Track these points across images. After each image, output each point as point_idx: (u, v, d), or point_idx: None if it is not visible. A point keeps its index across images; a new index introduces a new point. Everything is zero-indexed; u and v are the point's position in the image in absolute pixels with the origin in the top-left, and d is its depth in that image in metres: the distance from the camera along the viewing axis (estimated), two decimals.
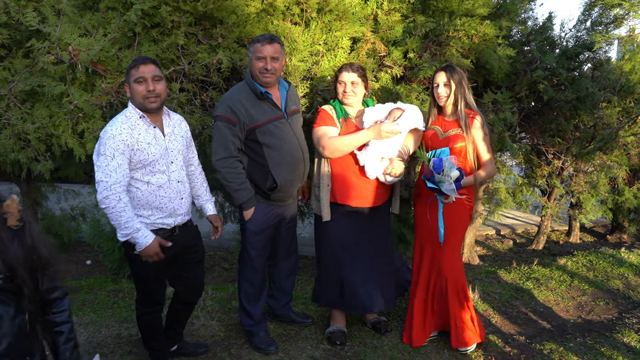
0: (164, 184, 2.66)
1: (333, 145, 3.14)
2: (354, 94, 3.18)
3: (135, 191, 2.61)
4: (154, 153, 2.60)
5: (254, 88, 3.03)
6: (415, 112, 3.21)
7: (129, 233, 2.53)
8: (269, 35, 3.00)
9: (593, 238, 7.55)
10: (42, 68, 3.59)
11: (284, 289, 3.60)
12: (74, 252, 5.61)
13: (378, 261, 3.38)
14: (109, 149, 2.49)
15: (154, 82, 2.55)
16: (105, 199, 2.49)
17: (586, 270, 5.00)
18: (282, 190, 3.14)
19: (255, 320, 3.34)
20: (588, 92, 4.90)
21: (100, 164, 2.51)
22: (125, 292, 4.21)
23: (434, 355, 3.31)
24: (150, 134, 2.62)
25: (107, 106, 3.73)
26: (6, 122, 3.78)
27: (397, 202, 3.45)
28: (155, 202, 2.65)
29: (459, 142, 3.13)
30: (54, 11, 3.59)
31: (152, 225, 2.67)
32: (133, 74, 2.55)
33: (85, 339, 3.40)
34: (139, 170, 2.60)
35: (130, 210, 2.53)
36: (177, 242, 2.75)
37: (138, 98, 2.56)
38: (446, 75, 3.12)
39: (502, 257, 6.38)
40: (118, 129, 2.52)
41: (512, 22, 4.64)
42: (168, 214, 2.71)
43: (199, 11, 3.49)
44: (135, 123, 2.58)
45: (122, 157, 2.51)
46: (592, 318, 4.00)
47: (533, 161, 6.26)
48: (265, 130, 3.04)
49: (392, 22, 3.96)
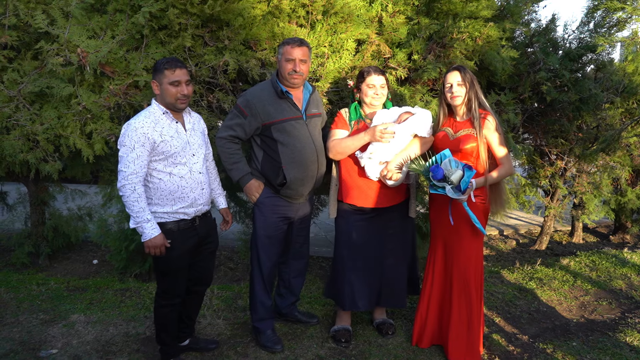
0: (185, 174, 2.83)
1: (335, 148, 3.26)
2: (382, 96, 3.28)
3: (158, 182, 2.78)
4: (176, 146, 2.78)
5: (276, 86, 3.16)
6: (422, 118, 3.19)
7: (139, 222, 2.70)
8: (299, 39, 3.14)
9: (596, 238, 7.57)
10: (50, 70, 3.63)
11: (292, 288, 3.65)
12: (81, 251, 5.66)
13: (389, 261, 3.41)
14: (130, 140, 2.67)
15: (186, 86, 2.77)
16: (123, 187, 2.68)
17: (589, 271, 5.02)
18: (291, 188, 3.22)
19: (262, 317, 3.40)
20: (591, 93, 4.93)
21: (121, 155, 2.70)
22: (132, 291, 4.25)
23: (438, 356, 3.34)
24: (172, 128, 2.80)
25: (114, 107, 3.78)
26: (15, 123, 3.82)
27: (413, 205, 3.46)
28: (177, 192, 2.81)
29: (470, 142, 3.07)
30: (62, 13, 3.64)
31: (174, 214, 2.83)
32: (168, 76, 2.72)
33: (94, 338, 3.44)
34: (161, 162, 2.77)
35: (144, 201, 2.70)
36: (197, 233, 2.94)
37: (170, 98, 2.75)
38: (460, 75, 3.08)
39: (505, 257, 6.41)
40: (140, 122, 2.70)
41: (516, 24, 4.67)
42: (189, 204, 2.86)
43: (205, 14, 3.53)
44: (158, 118, 2.77)
45: (141, 149, 2.68)
46: (594, 318, 4.03)
47: (536, 162, 6.28)
48: (281, 128, 3.15)
49: (397, 24, 4.00)
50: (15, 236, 5.20)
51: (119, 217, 4.65)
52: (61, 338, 3.44)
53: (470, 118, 3.12)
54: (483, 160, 3.08)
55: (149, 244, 2.73)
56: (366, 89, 3.26)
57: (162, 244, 2.75)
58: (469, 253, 3.16)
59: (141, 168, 2.69)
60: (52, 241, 5.17)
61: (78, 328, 3.58)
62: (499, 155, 3.12)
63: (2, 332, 3.49)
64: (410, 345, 3.44)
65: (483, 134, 3.07)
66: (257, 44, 3.81)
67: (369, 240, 3.36)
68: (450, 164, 2.90)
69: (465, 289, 3.17)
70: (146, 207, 2.71)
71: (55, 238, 5.19)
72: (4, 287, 4.27)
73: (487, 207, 3.19)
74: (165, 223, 2.81)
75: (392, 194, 3.33)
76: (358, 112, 3.33)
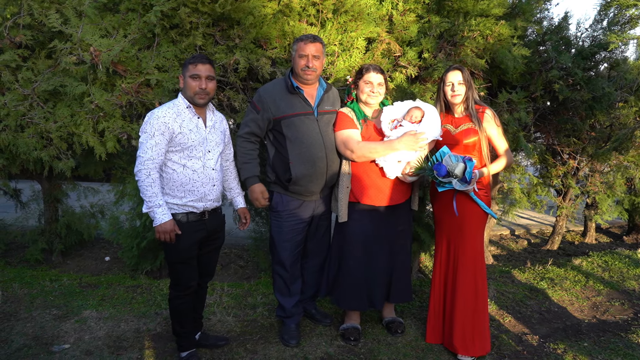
0: (198, 169, 2.90)
1: (361, 151, 3.19)
2: (379, 94, 3.26)
3: (172, 172, 2.86)
4: (193, 139, 2.86)
5: (287, 82, 3.19)
6: (435, 116, 3.21)
7: (150, 207, 2.77)
8: (312, 35, 3.17)
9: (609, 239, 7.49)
10: (64, 68, 3.68)
11: (310, 283, 3.63)
12: (93, 248, 5.72)
13: (399, 258, 3.42)
14: (151, 127, 2.77)
15: (206, 81, 2.85)
16: (138, 172, 2.77)
17: (601, 271, 4.98)
18: (298, 184, 3.22)
19: (286, 313, 3.45)
20: (604, 91, 4.87)
21: (141, 141, 2.80)
22: (143, 288, 4.29)
23: (447, 354, 3.33)
24: (193, 122, 2.89)
25: (126, 105, 3.81)
26: (29, 121, 3.88)
27: (416, 198, 3.50)
28: (189, 185, 2.88)
29: (472, 136, 3.20)
30: (75, 13, 3.68)
31: (183, 207, 2.90)
32: (190, 69, 2.84)
33: (105, 333, 3.48)
34: (177, 153, 2.85)
35: (157, 187, 2.77)
36: (206, 227, 3.00)
37: (189, 92, 2.86)
38: (462, 75, 3.20)
39: (517, 257, 6.37)
40: (163, 112, 2.81)
41: (528, 22, 4.64)
42: (199, 198, 2.92)
43: (216, 12, 3.55)
44: (181, 110, 2.86)
45: (161, 137, 2.77)
46: (607, 318, 3.99)
47: (548, 161, 6.24)
48: (290, 123, 3.17)
49: (407, 23, 3.99)
50: (29, 233, 5.27)
51: (130, 214, 4.69)
52: (73, 333, 3.48)
53: (469, 114, 3.24)
54: (485, 153, 3.23)
55: (159, 228, 2.79)
56: (363, 85, 3.25)
57: (172, 229, 2.80)
58: (473, 245, 3.25)
59: (158, 155, 2.78)
60: (65, 238, 5.24)
61: (90, 324, 3.62)
62: (499, 147, 3.27)
63: (16, 327, 3.55)
64: (420, 343, 3.44)
65: (483, 127, 3.22)
66: (267, 43, 3.83)
67: (383, 239, 3.35)
68: (451, 159, 3.03)
69: (472, 284, 3.23)
70: (159, 193, 2.78)
71: (68, 235, 5.25)
72: (18, 283, 4.33)
73: (489, 200, 3.30)
74: (175, 214, 2.88)
75: (405, 190, 3.34)
76: (362, 111, 3.31)
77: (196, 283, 3.07)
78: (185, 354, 3.13)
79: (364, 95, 3.26)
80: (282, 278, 3.43)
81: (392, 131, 3.18)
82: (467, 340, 3.24)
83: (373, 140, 3.24)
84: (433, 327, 3.44)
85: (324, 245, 3.58)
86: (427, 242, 4.38)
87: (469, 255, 3.23)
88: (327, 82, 3.37)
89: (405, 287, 3.49)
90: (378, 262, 3.36)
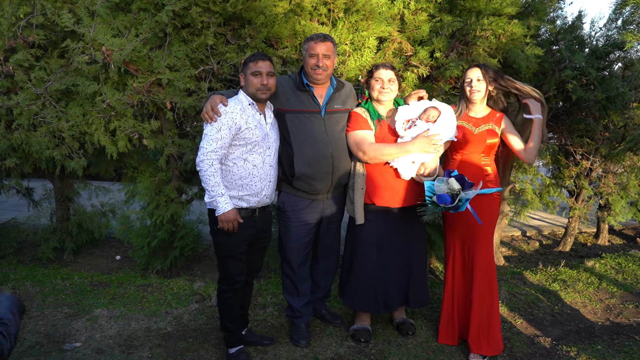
0: (258, 164, 2.98)
1: (373, 152, 3.16)
2: (390, 91, 3.23)
3: (232, 166, 2.94)
4: (257, 135, 2.94)
5: (297, 78, 3.21)
6: (451, 117, 3.19)
7: (213, 196, 2.84)
8: (323, 34, 3.16)
9: (622, 241, 7.40)
10: (76, 68, 3.71)
11: (320, 284, 3.62)
12: (104, 247, 5.75)
13: (415, 260, 3.39)
14: (219, 121, 2.83)
15: (267, 77, 2.92)
16: (201, 162, 2.84)
17: (615, 273, 4.91)
18: (302, 180, 3.18)
19: (296, 313, 3.44)
20: (618, 91, 4.82)
21: (207, 132, 2.86)
22: (153, 287, 4.30)
23: (458, 355, 3.31)
24: (256, 119, 2.98)
25: (138, 105, 3.83)
26: (42, 120, 3.91)
27: None
28: (247, 178, 2.96)
29: (493, 137, 3.22)
30: (88, 12, 3.70)
31: (239, 200, 2.96)
32: (251, 67, 2.92)
33: (116, 332, 3.49)
34: (240, 148, 2.92)
35: (219, 177, 2.85)
36: (256, 224, 3.06)
37: (251, 88, 2.94)
38: (481, 71, 3.19)
39: (528, 258, 6.30)
40: (231, 108, 2.88)
41: (541, 21, 4.60)
42: (255, 193, 2.99)
43: (228, 12, 3.55)
44: (245, 107, 2.95)
45: (227, 131, 2.84)
46: (620, 321, 3.94)
47: (561, 162, 6.17)
48: (295, 119, 3.16)
49: (419, 22, 3.97)
50: (41, 232, 5.31)
51: (141, 213, 4.71)
52: (85, 332, 3.50)
53: (489, 114, 3.26)
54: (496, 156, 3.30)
55: (222, 217, 2.84)
56: (374, 82, 3.24)
57: (235, 218, 2.86)
58: (487, 246, 3.24)
59: (221, 148, 2.85)
60: (76, 237, 5.27)
61: (101, 322, 3.63)
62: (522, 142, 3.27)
63: (28, 325, 3.57)
64: (430, 344, 3.41)
65: (502, 129, 3.27)
66: (278, 42, 3.83)
67: (398, 240, 3.33)
68: (440, 185, 3.01)
69: (488, 283, 3.22)
70: (221, 183, 2.84)
71: (80, 234, 5.28)
72: (30, 281, 4.36)
73: (499, 199, 3.33)
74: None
75: (419, 191, 3.29)
76: (376, 111, 3.29)
77: (244, 278, 3.10)
78: (234, 350, 3.16)
79: (375, 92, 3.24)
80: (290, 278, 3.41)
81: (407, 131, 3.16)
82: (481, 339, 3.22)
83: (387, 140, 3.22)
84: (446, 328, 3.42)
85: (334, 247, 3.56)
86: (438, 243, 4.35)
87: (483, 256, 3.22)
88: (339, 80, 3.34)
89: (424, 291, 3.46)
90: (393, 264, 3.33)
